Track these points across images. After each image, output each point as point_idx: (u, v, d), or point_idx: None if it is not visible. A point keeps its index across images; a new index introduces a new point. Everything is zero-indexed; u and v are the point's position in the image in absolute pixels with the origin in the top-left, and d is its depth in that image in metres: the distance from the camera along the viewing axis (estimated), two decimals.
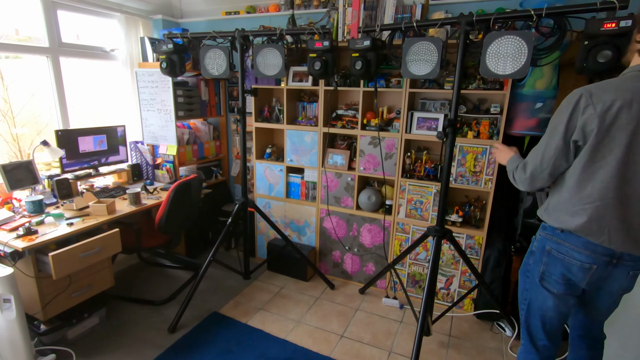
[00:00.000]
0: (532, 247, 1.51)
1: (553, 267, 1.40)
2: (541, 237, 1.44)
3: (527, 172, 1.42)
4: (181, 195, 2.48)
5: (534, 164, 1.40)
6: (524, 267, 1.55)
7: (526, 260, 1.54)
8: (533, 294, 1.50)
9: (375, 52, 2.07)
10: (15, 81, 2.64)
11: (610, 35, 1.53)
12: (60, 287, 2.06)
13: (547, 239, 1.41)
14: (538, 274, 1.45)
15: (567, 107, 1.28)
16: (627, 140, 1.19)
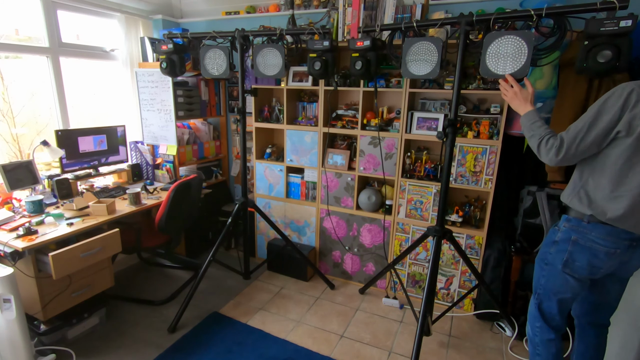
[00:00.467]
0: (554, 238, 1.57)
1: (578, 254, 1.49)
2: (566, 228, 1.52)
3: (561, 152, 1.43)
4: (181, 195, 2.48)
5: (569, 145, 1.42)
6: (542, 257, 1.62)
7: (545, 250, 1.61)
8: (551, 280, 1.58)
9: (375, 52, 2.07)
10: (15, 81, 2.64)
11: (610, 35, 1.53)
12: (60, 287, 2.06)
13: (572, 230, 1.50)
14: (561, 261, 1.53)
15: (617, 99, 1.34)
16: None
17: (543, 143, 1.48)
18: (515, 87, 1.65)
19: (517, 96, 1.64)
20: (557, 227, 1.58)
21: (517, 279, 2.40)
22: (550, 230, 1.63)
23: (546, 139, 1.48)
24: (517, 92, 1.64)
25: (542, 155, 1.50)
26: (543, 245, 1.66)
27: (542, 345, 1.67)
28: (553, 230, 1.60)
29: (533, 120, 1.56)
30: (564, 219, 1.55)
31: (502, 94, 1.71)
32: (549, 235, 1.62)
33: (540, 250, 1.67)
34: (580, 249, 1.49)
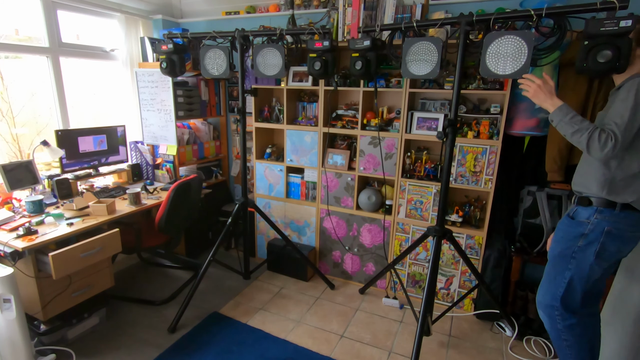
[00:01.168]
0: (582, 231, 1.58)
1: (610, 244, 1.53)
2: (598, 220, 1.54)
3: (617, 145, 1.43)
4: (181, 195, 2.48)
5: (623, 138, 1.43)
6: (568, 251, 1.62)
7: (571, 243, 1.61)
8: (579, 272, 1.59)
9: (375, 52, 2.07)
10: (15, 81, 2.64)
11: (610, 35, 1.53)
12: (60, 287, 2.06)
13: (606, 221, 1.53)
14: (593, 253, 1.55)
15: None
16: None
17: (595, 138, 1.45)
18: (537, 81, 1.60)
19: (542, 89, 1.59)
20: (585, 219, 1.58)
21: (517, 279, 2.40)
22: (572, 224, 1.63)
23: (597, 134, 1.45)
24: (540, 84, 1.59)
25: (593, 150, 1.46)
26: (563, 240, 1.64)
27: (567, 331, 1.68)
28: (578, 223, 1.60)
29: (571, 115, 1.52)
30: (597, 212, 1.55)
31: (524, 92, 1.66)
32: (571, 229, 1.62)
33: (559, 246, 1.66)
34: (613, 238, 1.52)
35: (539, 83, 1.59)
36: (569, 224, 1.65)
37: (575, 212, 1.65)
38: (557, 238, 1.70)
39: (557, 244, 1.67)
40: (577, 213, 1.64)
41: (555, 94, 1.59)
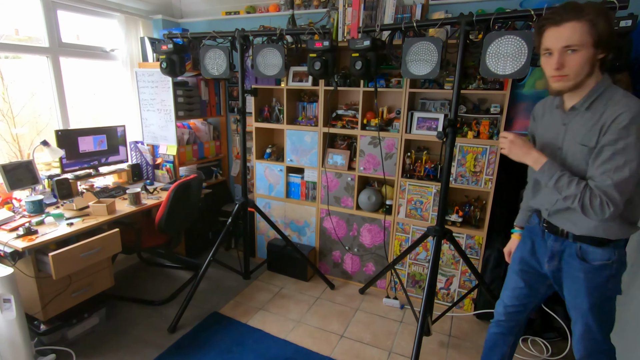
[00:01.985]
0: (609, 272, 1.34)
1: (624, 269, 1.39)
2: (617, 256, 1.33)
3: (618, 209, 1.21)
4: (181, 195, 2.48)
5: (622, 195, 1.20)
6: (602, 298, 1.38)
7: (602, 290, 1.37)
8: (613, 305, 1.42)
9: (375, 52, 2.07)
10: (15, 81, 2.64)
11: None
12: (60, 287, 2.06)
13: (622, 253, 1.35)
14: (620, 286, 1.39)
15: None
16: None
17: (587, 206, 1.23)
18: (509, 136, 1.40)
19: (515, 143, 1.39)
20: (606, 261, 1.33)
21: None
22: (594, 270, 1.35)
23: (589, 201, 1.22)
24: (512, 140, 1.39)
25: (591, 217, 1.25)
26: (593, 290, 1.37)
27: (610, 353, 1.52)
28: (601, 267, 1.34)
29: (555, 177, 1.29)
30: (614, 247, 1.33)
31: (501, 150, 1.47)
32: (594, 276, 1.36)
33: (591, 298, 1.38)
34: (624, 268, 1.39)
35: (511, 138, 1.40)
36: (590, 270, 1.35)
37: (581, 250, 1.37)
38: (582, 288, 1.39)
39: (588, 296, 1.38)
40: (589, 254, 1.35)
41: (533, 147, 1.39)
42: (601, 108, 1.22)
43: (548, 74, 1.25)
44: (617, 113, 1.16)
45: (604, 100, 1.22)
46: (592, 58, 1.18)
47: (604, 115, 1.20)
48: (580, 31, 1.14)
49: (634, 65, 2.01)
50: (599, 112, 1.22)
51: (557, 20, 1.17)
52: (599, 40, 1.15)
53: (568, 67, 1.19)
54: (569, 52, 1.18)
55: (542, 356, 2.21)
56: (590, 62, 1.18)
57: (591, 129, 1.24)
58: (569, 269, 1.41)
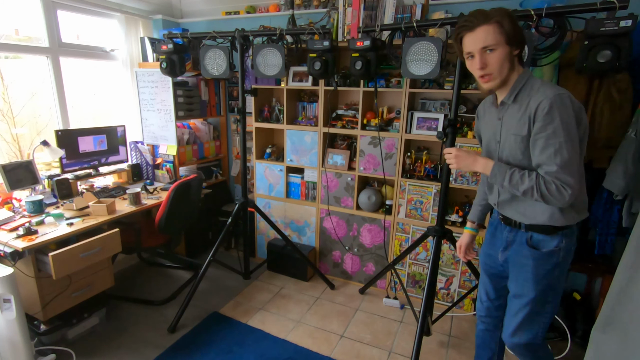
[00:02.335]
0: (556, 260, 1.39)
1: (570, 259, 1.44)
2: (566, 243, 1.38)
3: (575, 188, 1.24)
4: (181, 195, 2.48)
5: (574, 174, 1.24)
6: (547, 287, 1.42)
7: (549, 278, 1.41)
8: (557, 299, 1.47)
9: (375, 52, 2.07)
10: (15, 81, 2.64)
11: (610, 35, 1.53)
12: (60, 287, 2.06)
13: (571, 242, 1.40)
14: (564, 276, 1.45)
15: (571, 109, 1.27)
16: None
17: (546, 194, 1.26)
18: (452, 151, 1.50)
19: (460, 157, 1.48)
20: (554, 248, 1.39)
21: None
22: (542, 256, 1.41)
23: (545, 188, 1.26)
24: (456, 154, 1.49)
25: (553, 204, 1.29)
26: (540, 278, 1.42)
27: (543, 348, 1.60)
28: (549, 254, 1.40)
29: (509, 174, 1.33)
30: (563, 235, 1.38)
31: (450, 166, 1.54)
32: (542, 262, 1.41)
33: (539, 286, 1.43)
34: (573, 252, 1.44)
35: (454, 153, 1.49)
36: (538, 257, 1.41)
37: (534, 240, 1.42)
38: (528, 276, 1.44)
39: (535, 284, 1.43)
40: (539, 241, 1.41)
41: (477, 154, 1.46)
42: (526, 98, 1.32)
43: (476, 76, 1.38)
44: (538, 101, 1.26)
45: (526, 91, 1.33)
46: (509, 55, 1.29)
47: (529, 105, 1.29)
48: (493, 32, 1.27)
49: (634, 65, 2.01)
50: (525, 103, 1.31)
51: (471, 27, 1.30)
52: (510, 38, 1.27)
53: (490, 66, 1.31)
54: (487, 52, 1.30)
55: None
56: (508, 58, 1.30)
57: (520, 119, 1.33)
58: (518, 257, 1.47)
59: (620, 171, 1.94)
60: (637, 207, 1.97)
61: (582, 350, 2.08)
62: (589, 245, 2.29)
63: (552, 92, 1.25)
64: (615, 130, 2.00)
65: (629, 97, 1.98)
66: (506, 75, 1.33)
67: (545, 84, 1.30)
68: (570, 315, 2.31)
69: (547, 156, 1.26)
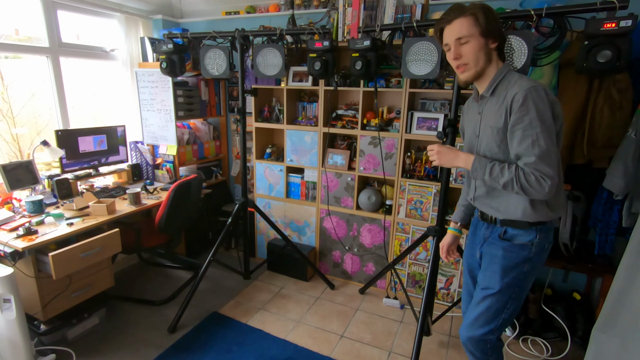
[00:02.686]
0: (527, 255, 1.40)
1: (543, 258, 1.45)
2: (539, 239, 1.39)
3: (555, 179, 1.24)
4: (181, 195, 2.48)
5: (552, 164, 1.24)
6: (515, 280, 1.43)
7: (518, 271, 1.42)
8: (520, 298, 1.47)
9: (375, 52, 2.07)
10: (15, 81, 2.64)
11: (610, 35, 1.53)
12: (60, 287, 2.06)
13: (545, 239, 1.41)
14: (533, 275, 1.45)
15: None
16: None
17: (526, 186, 1.26)
18: (434, 147, 1.49)
19: (442, 152, 1.47)
20: (527, 242, 1.40)
21: None
22: (514, 248, 1.42)
23: (525, 180, 1.26)
24: (438, 150, 1.48)
25: (537, 194, 1.27)
26: (509, 269, 1.42)
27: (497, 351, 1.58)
28: (521, 247, 1.41)
29: (489, 167, 1.33)
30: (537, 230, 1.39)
31: (433, 162, 1.52)
32: (513, 254, 1.42)
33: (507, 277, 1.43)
34: (546, 253, 1.44)
35: (437, 149, 1.49)
36: (510, 248, 1.42)
37: (506, 234, 1.44)
38: (497, 268, 1.44)
39: (503, 276, 1.43)
40: (513, 235, 1.42)
41: (458, 150, 1.47)
42: (503, 92, 1.33)
43: (453, 66, 1.39)
44: (514, 93, 1.28)
45: (504, 85, 1.34)
46: (484, 47, 1.32)
47: (506, 97, 1.31)
48: (467, 24, 1.31)
49: (634, 65, 2.01)
50: (502, 96, 1.33)
51: (448, 20, 1.35)
52: (484, 31, 1.30)
53: (465, 56, 1.34)
54: (462, 43, 1.33)
55: (542, 356, 2.21)
56: (483, 50, 1.32)
57: (497, 111, 1.34)
58: (490, 249, 1.48)
59: (620, 171, 1.94)
60: (637, 207, 1.97)
61: (582, 350, 2.08)
62: (589, 245, 2.30)
63: (528, 84, 1.26)
64: (615, 130, 2.00)
65: (629, 97, 1.98)
66: (482, 67, 1.35)
67: (522, 77, 1.32)
68: (570, 315, 2.31)
69: (524, 147, 1.26)
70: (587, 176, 2.21)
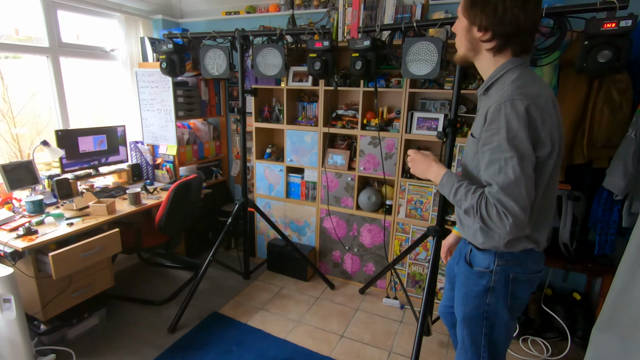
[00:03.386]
0: (487, 284, 1.21)
1: (521, 291, 1.21)
2: (500, 267, 1.19)
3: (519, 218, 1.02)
4: (181, 195, 2.48)
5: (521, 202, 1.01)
6: (477, 311, 1.25)
7: (478, 302, 1.24)
8: (500, 331, 1.26)
9: (375, 52, 2.07)
10: (15, 81, 2.64)
11: (610, 35, 1.53)
12: (60, 287, 2.06)
13: (509, 267, 1.19)
14: (506, 309, 1.22)
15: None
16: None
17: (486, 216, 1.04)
18: (410, 153, 1.32)
19: (414, 160, 1.30)
20: (485, 268, 1.21)
21: None
22: (472, 275, 1.25)
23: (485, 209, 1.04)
24: (412, 157, 1.31)
25: (497, 229, 1.05)
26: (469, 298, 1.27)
27: None
28: (479, 274, 1.22)
29: (455, 187, 1.13)
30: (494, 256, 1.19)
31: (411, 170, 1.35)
32: (471, 281, 1.25)
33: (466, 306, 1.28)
34: (521, 285, 1.21)
35: (411, 156, 1.32)
36: (469, 274, 1.26)
37: (471, 255, 1.27)
38: (459, 294, 1.31)
39: (464, 304, 1.28)
40: (473, 257, 1.25)
41: (435, 160, 1.26)
42: (494, 94, 1.09)
43: None
44: (491, 103, 1.05)
45: (499, 86, 1.10)
46: (466, 31, 1.12)
47: (489, 104, 1.07)
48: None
49: (634, 65, 2.01)
50: (490, 100, 1.09)
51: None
52: (467, 12, 1.09)
53: (457, 35, 1.17)
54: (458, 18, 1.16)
55: (542, 356, 2.21)
56: (464, 35, 1.13)
57: (480, 117, 1.10)
58: (458, 273, 1.33)
59: (620, 171, 1.94)
60: (637, 207, 1.97)
61: (582, 350, 2.08)
62: (589, 245, 2.30)
63: (508, 94, 1.01)
64: (615, 130, 2.00)
65: (629, 97, 1.98)
66: (464, 55, 1.17)
67: (514, 82, 1.04)
68: (570, 315, 2.31)
69: (490, 173, 1.05)
70: (587, 176, 2.21)
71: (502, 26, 1.05)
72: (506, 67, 1.10)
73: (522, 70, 1.08)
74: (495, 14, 1.04)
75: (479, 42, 1.11)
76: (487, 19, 1.05)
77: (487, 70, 1.15)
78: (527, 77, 1.07)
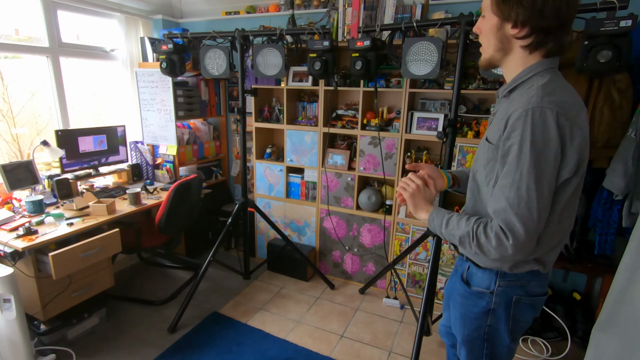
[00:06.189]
0: (487, 305, 1.12)
1: (524, 314, 1.13)
2: (502, 288, 1.10)
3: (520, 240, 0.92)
4: (181, 195, 2.48)
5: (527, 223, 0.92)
6: (477, 332, 1.17)
7: (479, 323, 1.15)
8: (502, 352, 1.18)
9: (375, 52, 2.07)
10: (15, 81, 2.64)
11: (610, 35, 1.53)
12: (60, 287, 2.06)
13: (512, 288, 1.09)
14: (507, 332, 1.14)
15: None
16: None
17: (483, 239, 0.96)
18: (418, 181, 1.17)
19: (420, 194, 1.16)
20: (484, 289, 1.12)
21: None
22: (471, 295, 1.16)
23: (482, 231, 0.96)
24: (422, 189, 1.17)
25: (494, 252, 0.95)
26: (467, 319, 1.18)
27: None
28: (478, 294, 1.14)
29: (446, 218, 1.06)
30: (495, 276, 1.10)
31: (401, 188, 1.19)
32: (470, 302, 1.16)
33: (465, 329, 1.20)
34: (524, 308, 1.13)
35: (418, 183, 1.17)
36: (466, 295, 1.16)
37: (469, 273, 1.17)
38: (457, 314, 1.22)
39: (462, 326, 1.20)
40: (471, 275, 1.16)
41: (427, 201, 1.16)
42: (518, 98, 0.98)
43: None
44: (515, 107, 0.93)
45: (524, 89, 0.98)
46: (497, 31, 0.98)
47: (511, 109, 0.95)
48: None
49: (634, 65, 2.01)
50: (513, 104, 0.98)
51: None
52: (497, 7, 0.96)
53: (481, 35, 1.04)
54: (483, 16, 1.03)
55: (542, 356, 2.21)
56: (494, 34, 0.99)
57: (500, 122, 0.98)
58: (453, 290, 1.24)
59: (620, 171, 1.94)
60: (637, 207, 1.97)
61: (582, 350, 2.08)
62: (589, 245, 2.30)
63: (535, 100, 0.90)
64: (615, 130, 2.00)
65: (629, 97, 1.98)
66: (491, 56, 1.04)
67: (544, 87, 0.93)
68: (570, 315, 2.31)
69: (501, 186, 0.94)
70: (587, 176, 2.20)
71: (542, 19, 0.92)
72: (535, 70, 0.99)
73: (552, 75, 0.99)
74: (534, 5, 0.91)
75: (511, 40, 0.99)
76: (524, 12, 0.92)
77: (513, 71, 1.03)
78: (559, 83, 0.98)
